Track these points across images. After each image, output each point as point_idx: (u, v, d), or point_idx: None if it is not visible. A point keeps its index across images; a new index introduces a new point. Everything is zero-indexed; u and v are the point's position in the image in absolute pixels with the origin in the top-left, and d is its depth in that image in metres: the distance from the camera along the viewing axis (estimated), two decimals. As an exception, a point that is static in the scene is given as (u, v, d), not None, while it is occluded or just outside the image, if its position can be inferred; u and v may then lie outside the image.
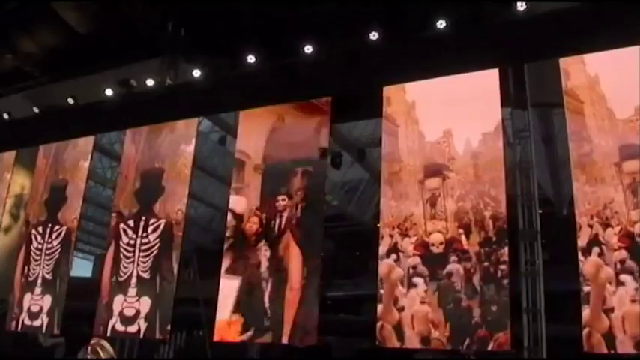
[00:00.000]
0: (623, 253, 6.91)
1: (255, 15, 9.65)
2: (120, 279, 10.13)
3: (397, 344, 7.79)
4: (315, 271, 8.68)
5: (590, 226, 7.20)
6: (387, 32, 8.84)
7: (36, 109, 11.78)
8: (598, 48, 7.77)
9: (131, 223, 10.45)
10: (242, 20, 9.77)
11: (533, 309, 7.77)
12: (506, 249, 7.66)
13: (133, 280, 10.00)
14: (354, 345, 17.13)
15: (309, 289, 8.59)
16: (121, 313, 9.90)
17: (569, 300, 7.41)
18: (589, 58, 7.90)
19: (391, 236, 8.34)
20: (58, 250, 11.24)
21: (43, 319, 10.82)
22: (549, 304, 7.77)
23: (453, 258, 7.84)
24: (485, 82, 8.48)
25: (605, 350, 6.69)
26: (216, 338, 9.22)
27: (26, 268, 11.49)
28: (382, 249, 8.35)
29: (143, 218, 10.36)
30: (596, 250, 7.08)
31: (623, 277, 6.84)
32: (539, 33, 8.13)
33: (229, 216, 9.65)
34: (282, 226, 9.14)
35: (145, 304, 9.75)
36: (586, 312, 6.90)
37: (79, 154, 11.89)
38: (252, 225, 9.38)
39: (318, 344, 8.52)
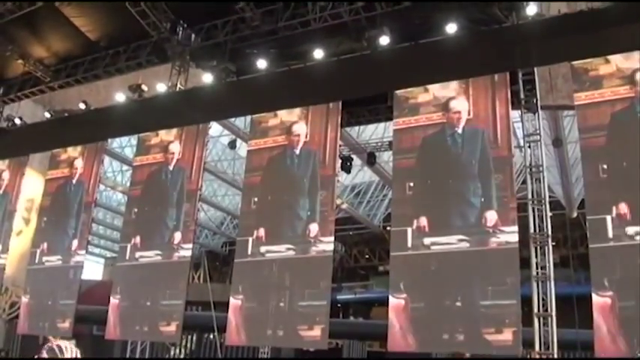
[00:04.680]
0: None
1: (265, 20, 9.65)
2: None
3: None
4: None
5: None
6: (397, 37, 8.83)
7: (47, 114, 11.81)
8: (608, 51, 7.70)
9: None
10: (252, 26, 9.77)
11: (544, 313, 7.72)
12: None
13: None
14: (364, 348, 17.15)
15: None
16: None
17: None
18: None
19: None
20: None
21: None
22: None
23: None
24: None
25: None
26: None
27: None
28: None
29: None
30: None
31: None
32: (549, 36, 8.06)
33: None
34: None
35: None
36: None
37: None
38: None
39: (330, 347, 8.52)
